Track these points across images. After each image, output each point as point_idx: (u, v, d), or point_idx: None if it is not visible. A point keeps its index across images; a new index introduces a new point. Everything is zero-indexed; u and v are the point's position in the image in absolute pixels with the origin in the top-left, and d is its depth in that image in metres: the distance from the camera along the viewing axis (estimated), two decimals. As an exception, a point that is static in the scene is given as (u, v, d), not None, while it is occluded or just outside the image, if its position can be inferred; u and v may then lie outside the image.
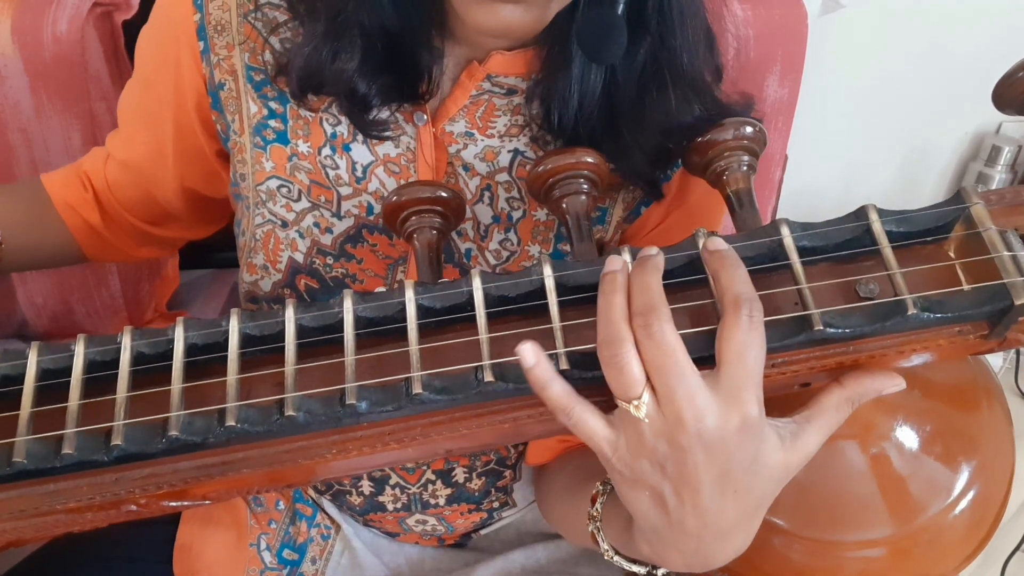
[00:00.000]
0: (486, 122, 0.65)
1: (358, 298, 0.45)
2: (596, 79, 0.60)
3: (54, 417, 0.43)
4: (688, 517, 0.44)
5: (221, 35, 0.65)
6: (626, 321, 0.42)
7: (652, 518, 0.46)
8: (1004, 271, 0.42)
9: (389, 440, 0.45)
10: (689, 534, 0.45)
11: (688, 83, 0.61)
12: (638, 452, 0.43)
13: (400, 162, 0.66)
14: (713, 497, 0.43)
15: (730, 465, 0.42)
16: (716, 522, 0.45)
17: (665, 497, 0.44)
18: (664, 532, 0.46)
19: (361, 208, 0.67)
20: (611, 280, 0.43)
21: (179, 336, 0.45)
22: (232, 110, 0.67)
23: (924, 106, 1.50)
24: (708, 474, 0.42)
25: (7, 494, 0.44)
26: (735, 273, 0.42)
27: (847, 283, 0.45)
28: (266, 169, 0.67)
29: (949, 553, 0.59)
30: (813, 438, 0.46)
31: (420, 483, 0.78)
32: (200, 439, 0.42)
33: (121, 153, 0.76)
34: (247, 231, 0.72)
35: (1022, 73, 0.48)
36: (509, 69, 0.63)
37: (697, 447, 0.41)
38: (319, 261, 0.69)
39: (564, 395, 0.42)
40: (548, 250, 0.68)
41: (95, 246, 0.81)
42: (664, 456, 0.42)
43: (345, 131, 0.65)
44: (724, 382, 0.41)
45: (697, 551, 0.46)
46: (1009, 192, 0.46)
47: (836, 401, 0.46)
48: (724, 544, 0.46)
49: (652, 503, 0.45)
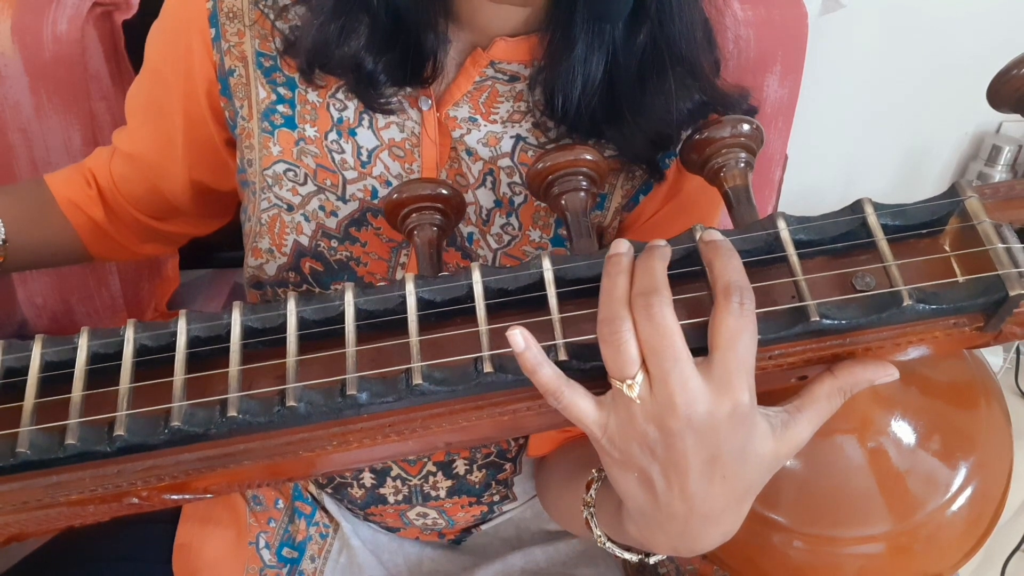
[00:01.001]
0: (489, 108, 0.66)
1: (359, 291, 0.46)
2: (597, 64, 0.61)
3: (57, 408, 0.43)
4: (675, 500, 0.45)
5: (232, 22, 0.66)
6: (627, 302, 0.42)
7: (640, 500, 0.46)
8: (999, 263, 0.42)
9: (389, 432, 0.45)
10: (676, 517, 0.46)
11: (687, 68, 0.62)
12: (628, 434, 0.43)
13: (404, 146, 0.66)
14: (701, 482, 0.44)
15: (719, 451, 0.43)
16: (703, 507, 0.45)
17: (653, 479, 0.44)
18: (651, 514, 0.46)
19: (366, 192, 0.68)
20: (616, 261, 0.44)
21: (182, 328, 0.45)
22: (241, 96, 0.68)
23: (924, 106, 1.50)
24: (696, 459, 0.43)
25: (10, 486, 0.45)
26: (728, 262, 0.43)
27: (843, 275, 0.45)
28: (273, 153, 0.68)
29: (948, 550, 0.59)
30: (804, 428, 0.46)
31: (421, 475, 0.78)
32: (202, 430, 0.43)
33: (128, 146, 0.77)
34: (253, 216, 0.73)
35: (1016, 71, 0.49)
36: (512, 55, 0.64)
37: (687, 431, 0.42)
38: (324, 244, 0.70)
39: (554, 378, 0.43)
40: (548, 235, 0.69)
41: (99, 243, 0.81)
42: (654, 439, 0.43)
43: (351, 116, 0.66)
44: (716, 369, 0.41)
45: (683, 534, 0.47)
46: (1003, 186, 0.47)
47: (828, 391, 0.46)
48: (711, 529, 0.47)
49: (640, 485, 0.45)
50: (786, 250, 0.45)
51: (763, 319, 0.43)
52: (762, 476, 0.46)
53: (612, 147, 0.66)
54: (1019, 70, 0.48)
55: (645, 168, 0.67)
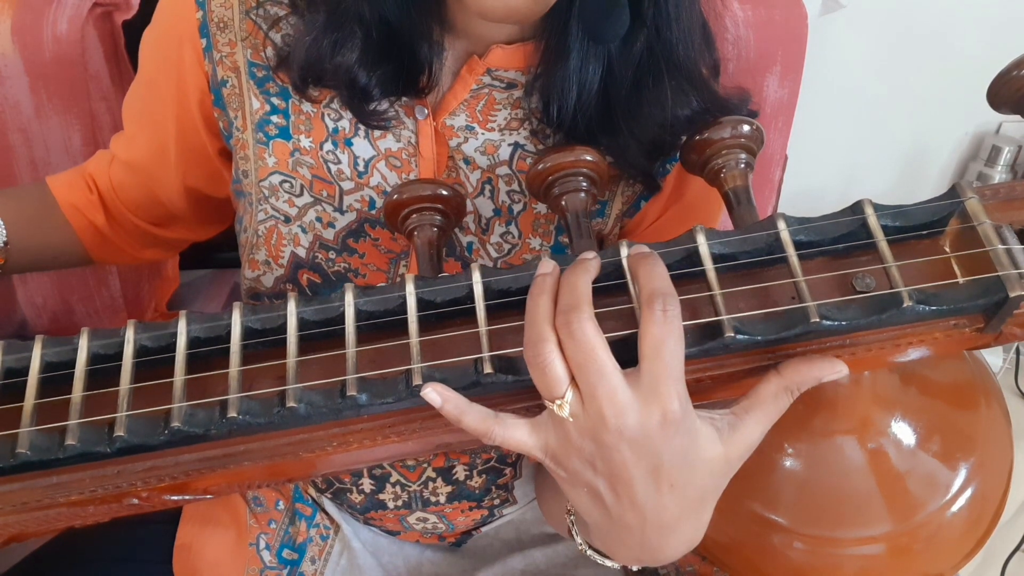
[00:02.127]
0: (486, 116, 0.65)
1: (359, 292, 0.46)
2: (594, 72, 0.60)
3: (58, 409, 0.43)
4: (626, 512, 0.45)
5: (224, 32, 0.65)
6: (550, 322, 0.42)
7: (594, 514, 0.46)
8: (999, 264, 0.42)
9: (389, 433, 0.46)
10: (631, 528, 0.46)
11: (684, 75, 0.61)
12: (567, 451, 0.44)
13: (401, 156, 0.66)
14: (648, 492, 0.44)
15: (660, 460, 0.43)
16: (656, 517, 0.45)
17: (601, 493, 0.44)
18: (607, 528, 0.47)
19: (363, 202, 0.67)
20: (540, 283, 0.44)
21: (182, 329, 0.45)
22: (235, 107, 0.68)
23: (924, 106, 1.51)
24: (637, 469, 0.43)
25: (10, 486, 0.45)
26: (652, 271, 0.43)
27: (843, 276, 0.45)
28: (268, 165, 0.67)
29: (948, 550, 0.59)
30: (753, 429, 0.45)
31: (421, 481, 0.78)
32: (202, 431, 0.43)
33: (125, 154, 0.77)
34: (249, 228, 0.73)
35: (1016, 72, 0.49)
36: (509, 63, 0.64)
37: (621, 443, 0.42)
38: (321, 255, 0.69)
39: (480, 420, 0.43)
40: (549, 243, 0.69)
41: (100, 248, 0.81)
42: (592, 453, 0.43)
43: (347, 126, 0.66)
44: (644, 378, 0.41)
45: (643, 545, 0.47)
46: (1003, 187, 0.47)
47: (774, 390, 0.45)
48: (669, 538, 0.47)
49: (591, 500, 0.46)
50: (786, 251, 0.45)
51: (763, 320, 0.43)
52: (715, 481, 0.46)
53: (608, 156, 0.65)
54: (1019, 71, 0.48)
55: (640, 180, 0.67)
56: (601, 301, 0.44)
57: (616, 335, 0.42)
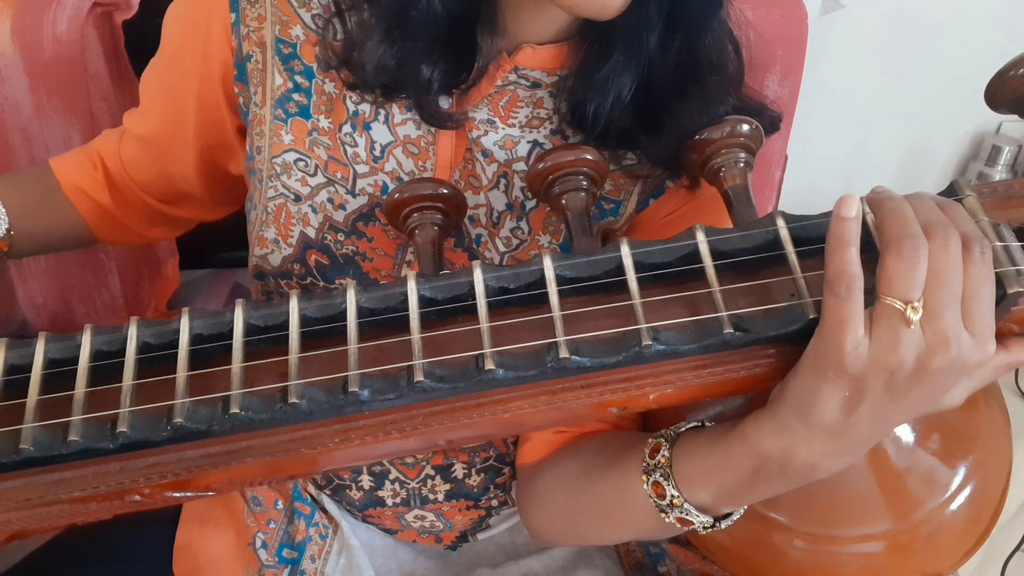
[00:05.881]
0: (508, 112, 0.66)
1: (361, 288, 0.46)
2: (633, 75, 0.61)
3: (60, 405, 0.43)
4: (863, 426, 0.44)
5: (253, 7, 0.66)
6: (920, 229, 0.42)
7: (826, 418, 0.44)
8: (997, 261, 0.43)
9: (391, 429, 0.46)
10: (843, 440, 0.45)
11: (721, 76, 0.63)
12: (880, 359, 0.42)
13: (420, 143, 0.67)
14: (897, 419, 0.44)
15: (937, 397, 0.43)
16: (873, 436, 0.45)
17: (862, 405, 0.43)
18: (820, 431, 0.45)
19: (376, 187, 0.68)
20: (891, 195, 0.45)
21: (184, 326, 0.45)
22: (256, 82, 0.68)
23: (924, 106, 1.51)
24: (919, 401, 0.43)
25: (13, 483, 0.45)
26: (957, 215, 0.44)
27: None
28: (285, 141, 0.68)
29: (947, 549, 0.59)
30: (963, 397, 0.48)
31: (419, 478, 0.78)
32: (204, 427, 0.43)
33: (140, 128, 0.77)
34: (259, 204, 0.73)
35: (1014, 72, 0.49)
36: (537, 63, 0.64)
37: (941, 373, 0.42)
38: (330, 237, 0.69)
39: (855, 263, 0.42)
40: (558, 240, 0.69)
41: (106, 227, 0.81)
42: (907, 371, 0.42)
43: (367, 110, 0.66)
44: (977, 321, 0.42)
45: (831, 454, 0.46)
46: (1001, 185, 0.47)
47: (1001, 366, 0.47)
48: (849, 458, 0.47)
49: (842, 406, 0.44)
50: (785, 248, 0.45)
51: (762, 317, 0.44)
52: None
53: (633, 155, 0.66)
54: (1016, 71, 0.49)
55: (666, 171, 0.67)
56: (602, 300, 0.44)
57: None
